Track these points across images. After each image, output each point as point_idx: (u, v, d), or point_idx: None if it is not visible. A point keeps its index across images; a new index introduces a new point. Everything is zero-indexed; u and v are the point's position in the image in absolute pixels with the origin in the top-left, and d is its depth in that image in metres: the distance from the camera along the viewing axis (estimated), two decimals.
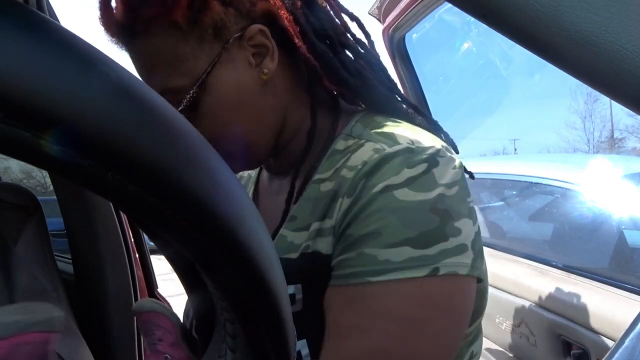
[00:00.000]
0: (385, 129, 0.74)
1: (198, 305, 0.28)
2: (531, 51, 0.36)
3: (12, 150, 0.19)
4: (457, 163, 0.71)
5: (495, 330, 1.93)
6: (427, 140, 0.72)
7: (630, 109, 0.36)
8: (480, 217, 2.44)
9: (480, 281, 0.71)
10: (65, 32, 0.20)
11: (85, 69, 0.20)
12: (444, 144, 0.74)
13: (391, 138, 0.71)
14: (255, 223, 0.26)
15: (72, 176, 0.20)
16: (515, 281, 1.81)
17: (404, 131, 0.73)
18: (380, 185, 0.65)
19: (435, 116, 0.92)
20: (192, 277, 0.28)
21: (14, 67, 0.18)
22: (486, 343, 1.99)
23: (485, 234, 2.48)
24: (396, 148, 0.68)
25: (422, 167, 0.66)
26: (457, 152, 0.82)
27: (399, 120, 0.78)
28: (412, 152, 0.67)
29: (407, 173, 0.66)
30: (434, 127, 0.86)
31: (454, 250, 0.65)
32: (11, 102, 0.18)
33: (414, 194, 0.65)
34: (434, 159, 0.68)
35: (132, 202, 0.21)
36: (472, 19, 0.35)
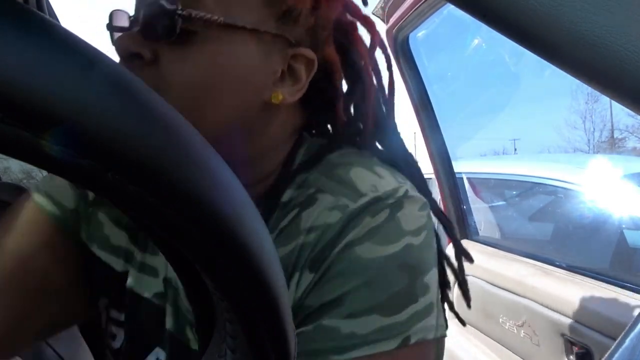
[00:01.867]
0: (342, 172, 0.63)
1: (198, 305, 0.28)
2: (531, 51, 0.36)
3: (12, 150, 0.19)
4: (421, 203, 0.63)
5: (499, 330, 1.93)
6: (391, 181, 0.62)
7: (630, 109, 0.36)
8: (481, 217, 2.45)
9: (442, 337, 0.63)
10: (64, 32, 0.20)
11: (85, 69, 0.20)
12: (407, 182, 0.65)
13: (352, 187, 0.60)
14: (255, 223, 0.26)
15: (72, 176, 0.20)
16: (518, 281, 1.80)
17: (364, 174, 0.62)
18: (341, 244, 0.56)
19: (438, 117, 0.90)
20: (192, 277, 0.28)
21: (14, 66, 0.18)
22: (489, 342, 1.99)
23: (486, 233, 2.48)
24: (361, 202, 0.58)
25: (385, 213, 0.58)
26: (426, 192, 0.70)
27: (353, 155, 0.67)
28: (378, 201, 0.59)
29: (369, 223, 0.57)
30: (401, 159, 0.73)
31: (423, 312, 0.57)
32: (11, 101, 0.18)
33: (378, 248, 0.56)
34: (398, 203, 0.59)
35: (132, 202, 0.21)
36: (475, 20, 0.35)
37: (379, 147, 0.74)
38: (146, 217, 0.22)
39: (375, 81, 0.72)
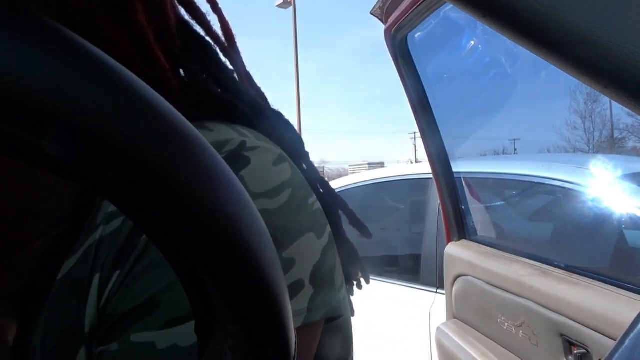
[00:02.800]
0: None
1: (198, 305, 0.28)
2: (531, 51, 0.36)
3: (12, 150, 0.19)
4: (276, 155, 0.50)
5: (497, 330, 1.93)
6: (225, 132, 0.49)
7: (630, 109, 0.37)
8: (481, 217, 2.45)
9: (333, 319, 0.51)
10: (64, 31, 0.20)
11: (85, 68, 0.20)
12: (256, 133, 0.52)
13: None
14: (255, 222, 0.26)
15: (72, 177, 0.20)
16: (517, 281, 1.81)
17: None
18: None
19: (437, 117, 0.84)
20: (192, 277, 0.28)
21: (13, 66, 0.18)
22: (488, 343, 1.99)
23: (485, 233, 2.48)
24: None
25: None
26: (299, 149, 0.59)
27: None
28: None
29: None
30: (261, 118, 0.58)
31: None
32: (10, 101, 0.18)
33: None
34: (238, 157, 0.46)
35: (132, 202, 0.21)
36: (474, 19, 0.35)
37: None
38: (146, 217, 0.22)
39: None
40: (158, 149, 0.21)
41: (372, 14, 2.15)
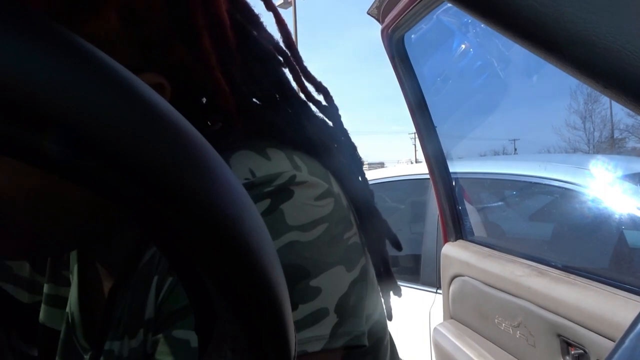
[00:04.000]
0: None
1: (198, 305, 0.28)
2: (531, 51, 0.36)
3: (11, 150, 0.19)
4: (321, 191, 0.53)
5: (494, 331, 1.93)
6: (280, 164, 0.53)
7: (630, 109, 0.36)
8: (480, 217, 2.45)
9: (357, 347, 0.53)
10: (64, 32, 0.20)
11: (85, 69, 0.20)
12: (312, 164, 0.56)
13: None
14: (255, 223, 0.26)
15: (72, 177, 0.20)
16: (514, 281, 1.81)
17: (247, 157, 0.53)
18: None
19: (434, 117, 0.83)
20: (192, 277, 0.28)
21: (13, 66, 0.18)
22: (485, 343, 1.99)
23: (484, 233, 2.49)
24: None
25: (264, 204, 0.49)
26: (349, 184, 0.60)
27: (245, 139, 0.57)
28: (251, 188, 0.49)
29: None
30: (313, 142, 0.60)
31: (306, 321, 0.48)
32: (10, 102, 0.18)
33: None
34: (284, 190, 0.50)
35: (132, 202, 0.21)
36: (472, 19, 0.35)
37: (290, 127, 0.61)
38: (146, 217, 0.22)
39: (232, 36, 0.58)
40: (158, 149, 0.21)
41: (368, 13, 2.15)
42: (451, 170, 2.33)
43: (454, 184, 2.35)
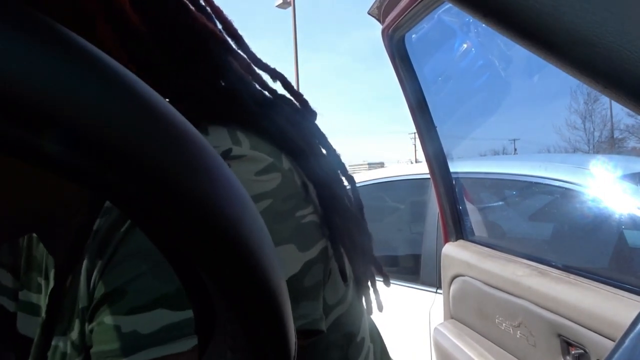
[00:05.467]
0: None
1: (198, 305, 0.28)
2: (531, 51, 0.36)
3: (11, 150, 0.19)
4: (264, 165, 0.50)
5: (495, 331, 1.93)
6: (216, 137, 0.51)
7: (631, 109, 0.36)
8: (480, 217, 2.45)
9: (312, 333, 0.51)
10: (64, 31, 0.20)
11: (85, 68, 0.20)
12: (256, 140, 0.53)
13: None
14: (255, 222, 0.26)
15: (71, 177, 0.20)
16: (514, 281, 1.81)
17: None
18: (128, 221, 0.45)
19: (435, 117, 0.82)
20: (192, 277, 0.28)
21: (13, 66, 0.18)
22: (485, 343, 1.99)
23: (485, 233, 2.49)
24: None
25: None
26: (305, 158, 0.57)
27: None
28: None
29: None
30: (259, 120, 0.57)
31: None
32: (10, 101, 0.18)
33: None
34: None
35: (131, 202, 0.21)
36: (472, 19, 0.36)
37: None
38: (145, 217, 0.22)
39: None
40: (159, 150, 0.21)
41: (369, 13, 2.15)
42: (451, 170, 2.33)
43: (454, 183, 2.35)
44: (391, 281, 0.77)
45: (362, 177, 4.04)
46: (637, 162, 2.21)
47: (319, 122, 0.66)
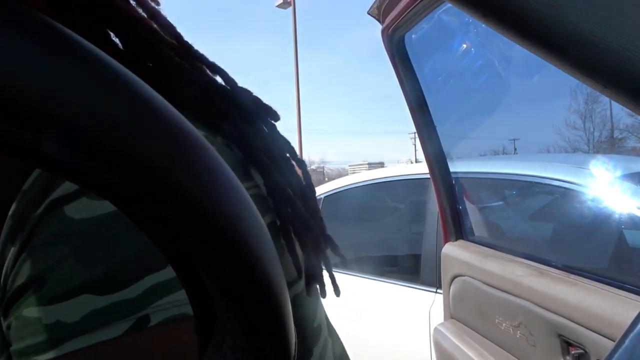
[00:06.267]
0: None
1: (198, 304, 0.28)
2: (531, 51, 0.36)
3: (11, 150, 0.19)
4: None
5: (495, 331, 1.93)
6: None
7: (631, 109, 0.37)
8: (480, 217, 2.45)
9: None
10: (64, 31, 0.20)
11: (85, 68, 0.20)
12: None
13: None
14: (255, 221, 0.26)
15: (71, 176, 0.20)
16: (514, 281, 1.81)
17: None
18: (45, 204, 0.41)
19: (434, 116, 0.82)
20: (191, 277, 0.28)
21: (13, 66, 0.18)
22: (485, 343, 1.99)
23: (485, 233, 2.49)
24: None
25: None
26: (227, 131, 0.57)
27: None
28: None
29: None
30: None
31: (173, 284, 0.42)
32: (10, 101, 0.18)
33: (96, 204, 0.41)
34: None
35: (131, 202, 0.21)
36: (472, 19, 0.36)
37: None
38: (146, 217, 0.22)
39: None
40: (158, 149, 0.21)
41: (369, 13, 2.15)
42: (451, 170, 2.33)
43: (454, 183, 2.35)
44: (391, 281, 0.77)
45: (362, 177, 4.04)
46: (637, 162, 2.21)
47: (319, 121, 0.67)
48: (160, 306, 0.40)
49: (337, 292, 0.71)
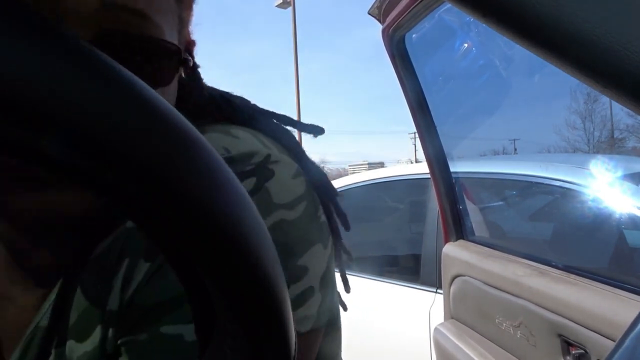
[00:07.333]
0: None
1: (198, 304, 0.28)
2: (531, 51, 0.36)
3: (12, 150, 0.19)
4: (295, 169, 0.53)
5: (495, 331, 1.93)
6: (251, 142, 0.53)
7: (630, 109, 0.36)
8: (480, 217, 2.45)
9: (334, 323, 0.55)
10: (64, 33, 0.20)
11: (85, 69, 0.20)
12: (276, 145, 0.56)
13: None
14: (255, 222, 0.26)
15: (72, 177, 0.20)
16: (515, 281, 1.81)
17: (216, 136, 0.53)
18: None
19: (435, 116, 0.83)
20: (192, 277, 0.28)
21: (15, 68, 0.18)
22: (486, 343, 1.99)
23: (484, 234, 2.48)
24: None
25: (251, 182, 0.48)
26: (303, 158, 0.61)
27: (207, 124, 0.57)
28: (230, 163, 0.43)
29: None
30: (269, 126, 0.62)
31: (296, 303, 0.48)
32: (11, 102, 0.18)
33: None
34: (264, 168, 0.50)
35: (131, 203, 0.21)
36: (472, 18, 0.36)
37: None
38: (146, 217, 0.22)
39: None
40: (159, 150, 0.21)
41: (369, 13, 2.15)
42: (452, 170, 2.33)
43: (454, 183, 2.35)
44: (391, 281, 0.80)
45: (362, 177, 4.04)
46: (637, 162, 2.21)
47: (319, 121, 0.68)
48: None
49: (347, 288, 0.73)
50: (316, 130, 0.70)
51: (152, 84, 0.45)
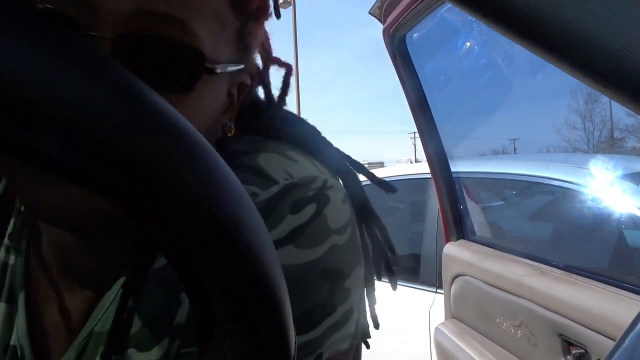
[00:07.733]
0: (247, 160, 0.53)
1: (198, 304, 0.28)
2: (531, 51, 0.36)
3: (12, 150, 0.19)
4: (344, 193, 0.55)
5: (496, 331, 1.93)
6: (307, 166, 0.54)
7: (630, 109, 0.36)
8: (480, 217, 2.45)
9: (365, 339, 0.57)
10: (65, 33, 0.20)
11: (85, 70, 0.20)
12: (327, 169, 0.57)
13: (260, 173, 0.51)
14: (255, 223, 0.26)
15: (72, 177, 0.20)
16: (515, 281, 1.81)
17: (274, 158, 0.53)
18: None
19: (436, 116, 0.83)
20: (192, 277, 0.28)
21: (15, 68, 0.18)
22: (487, 343, 1.99)
23: (485, 233, 2.48)
24: (273, 190, 0.49)
25: (311, 209, 0.49)
26: (351, 182, 0.64)
27: (260, 142, 0.57)
28: (294, 189, 0.49)
29: (292, 222, 0.47)
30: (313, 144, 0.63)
31: (340, 323, 0.49)
32: (11, 102, 0.18)
33: (301, 253, 0.47)
34: (323, 195, 0.51)
35: (131, 203, 0.21)
36: (473, 19, 0.36)
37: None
38: (145, 217, 0.22)
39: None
40: (159, 150, 0.21)
41: (370, 14, 2.15)
42: (452, 170, 2.32)
43: (455, 183, 2.35)
44: None
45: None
46: (637, 162, 2.21)
47: (319, 121, 0.70)
48: (332, 342, 0.48)
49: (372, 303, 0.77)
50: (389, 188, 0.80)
51: (169, 87, 0.46)
